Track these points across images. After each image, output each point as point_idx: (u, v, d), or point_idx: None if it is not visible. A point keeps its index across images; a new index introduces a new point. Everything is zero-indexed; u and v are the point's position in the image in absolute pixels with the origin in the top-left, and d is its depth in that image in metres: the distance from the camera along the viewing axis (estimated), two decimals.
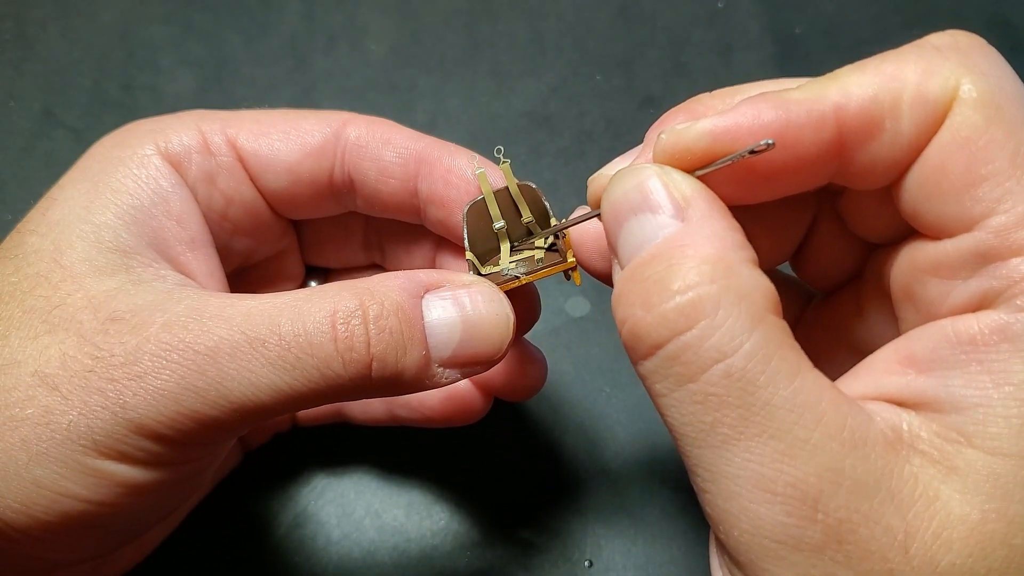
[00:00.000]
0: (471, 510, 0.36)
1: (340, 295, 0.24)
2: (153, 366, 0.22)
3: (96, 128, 0.44)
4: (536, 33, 0.48)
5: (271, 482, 0.36)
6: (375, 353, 0.23)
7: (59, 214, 0.26)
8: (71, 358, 0.23)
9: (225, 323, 0.23)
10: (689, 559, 0.34)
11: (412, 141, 0.29)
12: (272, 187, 0.29)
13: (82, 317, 0.23)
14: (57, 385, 0.22)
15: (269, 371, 0.22)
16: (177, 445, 0.23)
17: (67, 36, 0.47)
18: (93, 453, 0.22)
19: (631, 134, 0.44)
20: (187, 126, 0.28)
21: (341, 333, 0.23)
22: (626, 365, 0.38)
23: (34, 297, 0.24)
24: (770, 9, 0.48)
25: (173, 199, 0.27)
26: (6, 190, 0.43)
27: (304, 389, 0.23)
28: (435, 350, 0.25)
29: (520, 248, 0.29)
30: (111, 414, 0.22)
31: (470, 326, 0.25)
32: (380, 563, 0.35)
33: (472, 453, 0.37)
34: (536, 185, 0.29)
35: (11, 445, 0.22)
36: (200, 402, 0.22)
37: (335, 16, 0.48)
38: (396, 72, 0.46)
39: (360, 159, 0.29)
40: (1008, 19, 0.47)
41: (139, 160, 0.27)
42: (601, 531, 0.35)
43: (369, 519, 0.35)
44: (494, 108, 0.45)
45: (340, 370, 0.23)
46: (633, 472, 0.36)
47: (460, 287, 0.25)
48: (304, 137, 0.29)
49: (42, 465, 0.22)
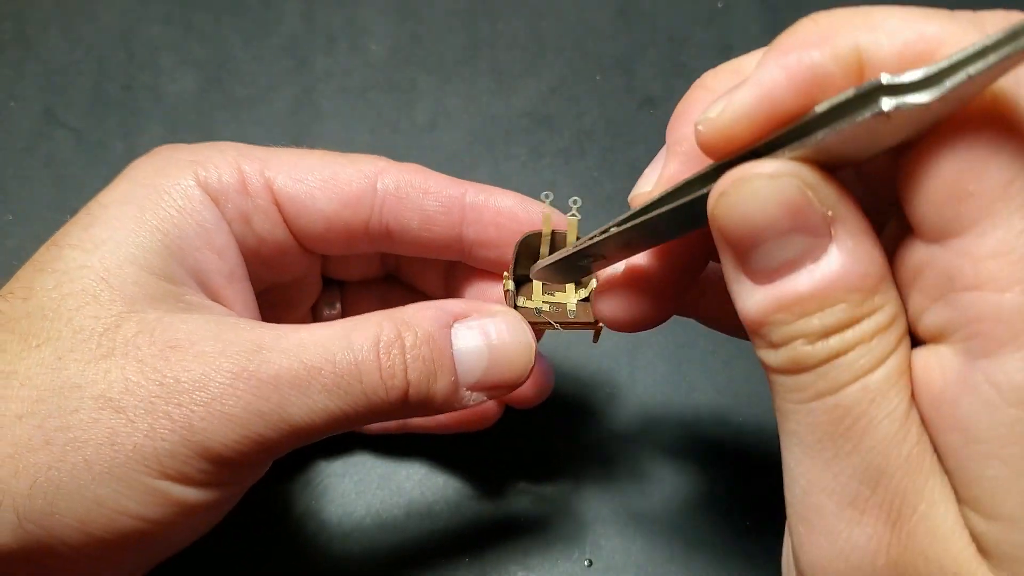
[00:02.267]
0: (471, 510, 0.36)
1: (381, 325, 0.26)
2: (221, 392, 0.24)
3: (96, 128, 0.44)
4: (536, 33, 0.48)
5: (271, 482, 0.36)
6: (411, 380, 0.26)
7: (105, 233, 0.26)
8: (134, 383, 0.24)
9: (283, 353, 0.25)
10: (689, 559, 0.35)
11: (451, 187, 0.30)
12: (306, 231, 0.30)
13: (139, 342, 0.24)
14: (123, 408, 0.23)
15: (324, 396, 0.25)
16: (234, 466, 0.24)
17: (67, 36, 0.47)
18: (156, 474, 0.24)
19: (631, 134, 0.44)
20: (227, 161, 0.29)
21: (384, 362, 0.25)
22: (626, 365, 0.38)
23: (83, 316, 0.25)
24: (770, 9, 0.48)
25: (215, 233, 0.28)
26: (6, 190, 0.43)
27: (352, 412, 0.25)
28: (463, 376, 0.27)
29: (553, 289, 0.30)
30: (179, 437, 0.23)
31: (496, 353, 0.27)
32: (380, 563, 0.35)
33: (472, 453, 0.37)
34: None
35: (74, 465, 0.23)
36: (264, 426, 0.24)
37: (335, 16, 0.48)
38: (396, 72, 0.46)
39: (401, 209, 0.30)
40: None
41: (182, 191, 0.28)
42: (601, 531, 0.35)
43: (369, 519, 0.36)
44: (494, 108, 0.46)
45: (384, 395, 0.25)
46: (633, 472, 0.36)
47: (487, 317, 0.27)
48: (343, 187, 0.29)
49: (105, 484, 0.23)
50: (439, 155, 0.44)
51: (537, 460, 0.36)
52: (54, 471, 0.23)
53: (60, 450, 0.23)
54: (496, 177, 0.44)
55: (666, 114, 0.24)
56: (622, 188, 0.43)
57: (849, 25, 0.18)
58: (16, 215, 0.42)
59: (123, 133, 0.44)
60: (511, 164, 0.44)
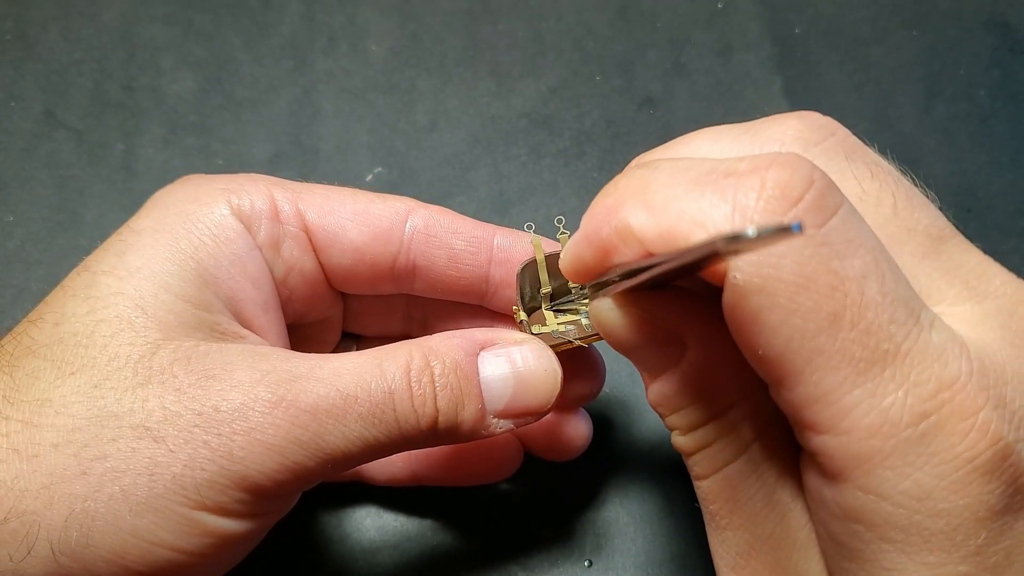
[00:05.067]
0: (471, 510, 0.36)
1: (411, 354, 0.26)
2: (261, 422, 0.24)
3: (97, 128, 0.44)
4: (536, 33, 0.48)
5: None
6: (440, 408, 0.26)
7: (139, 260, 0.26)
8: (172, 412, 0.24)
9: (320, 382, 0.25)
10: (689, 559, 0.35)
11: (478, 229, 0.31)
12: (335, 263, 0.30)
13: (176, 370, 0.24)
14: (163, 438, 0.23)
15: (359, 425, 0.25)
16: (271, 496, 0.24)
17: (67, 36, 0.47)
18: (195, 504, 0.23)
19: (631, 134, 0.44)
20: (259, 189, 0.29)
21: (415, 391, 0.25)
22: (626, 364, 0.38)
23: (118, 343, 0.24)
24: (770, 9, 0.48)
25: (249, 261, 0.28)
26: (7, 191, 0.43)
27: (386, 440, 0.25)
28: (490, 403, 0.27)
29: (565, 310, 0.30)
30: (218, 467, 0.23)
31: (521, 381, 0.27)
32: (380, 563, 0.35)
33: None
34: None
35: (111, 495, 0.23)
36: (302, 454, 0.24)
37: (335, 16, 0.48)
38: (396, 72, 0.46)
39: (430, 246, 0.30)
40: (1008, 19, 0.47)
41: (216, 219, 0.28)
42: (601, 531, 0.35)
43: (369, 519, 0.36)
44: (494, 108, 0.46)
45: (416, 423, 0.25)
46: (633, 472, 0.36)
47: (512, 344, 0.27)
48: (373, 220, 0.30)
49: (142, 516, 0.23)
50: (439, 155, 0.44)
51: (537, 460, 0.36)
52: (90, 502, 0.23)
53: (97, 480, 0.23)
54: (496, 177, 0.44)
55: (666, 114, 0.24)
56: None
57: (628, 202, 0.20)
58: (16, 215, 0.42)
59: (123, 133, 0.44)
60: (511, 164, 0.44)
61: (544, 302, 0.30)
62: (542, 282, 0.30)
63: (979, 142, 0.44)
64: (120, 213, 0.42)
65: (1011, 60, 0.46)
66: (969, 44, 0.46)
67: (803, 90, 0.46)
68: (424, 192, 0.43)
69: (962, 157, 0.44)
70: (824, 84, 0.46)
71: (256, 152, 0.44)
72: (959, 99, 0.45)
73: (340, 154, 0.44)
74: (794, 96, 0.45)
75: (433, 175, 0.44)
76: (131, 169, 0.43)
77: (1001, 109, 0.45)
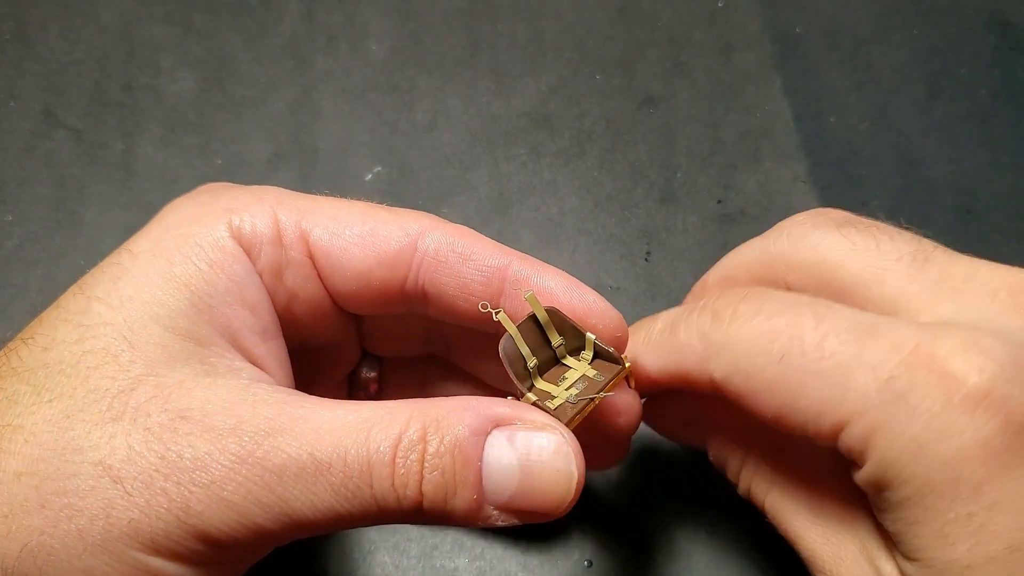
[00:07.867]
0: None
1: (409, 422, 0.23)
2: (222, 476, 0.22)
3: (96, 128, 0.44)
4: (536, 33, 0.48)
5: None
6: (425, 492, 0.23)
7: (132, 289, 0.25)
8: (137, 453, 0.23)
9: (295, 440, 0.23)
10: (689, 559, 0.35)
11: (495, 257, 0.28)
12: (339, 288, 0.28)
13: (150, 409, 0.23)
14: (121, 479, 0.22)
15: (330, 495, 0.23)
16: (229, 550, 0.23)
17: (67, 36, 0.47)
18: (149, 551, 0.22)
19: (631, 134, 0.44)
20: (264, 210, 0.27)
21: (399, 469, 0.23)
22: None
23: (99, 376, 0.24)
24: (770, 9, 0.48)
25: (247, 287, 0.27)
26: (6, 191, 0.43)
27: (358, 513, 0.23)
28: (491, 493, 0.24)
29: (562, 375, 0.28)
30: (174, 517, 0.22)
31: (528, 476, 0.24)
32: (380, 563, 0.35)
33: None
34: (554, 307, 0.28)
35: (66, 533, 0.22)
36: (263, 516, 0.22)
37: (335, 16, 0.48)
38: (396, 72, 0.46)
39: (438, 274, 0.28)
40: (1008, 19, 0.47)
41: (214, 242, 0.26)
42: (601, 531, 0.35)
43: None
44: (494, 108, 0.45)
45: (396, 503, 0.23)
46: (633, 472, 0.36)
47: (532, 429, 0.24)
48: (380, 244, 0.28)
49: (96, 556, 0.22)
50: (439, 155, 0.44)
51: None
52: (46, 536, 0.22)
53: (54, 515, 0.22)
54: (496, 176, 0.44)
55: (666, 114, 0.24)
56: (622, 188, 0.43)
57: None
58: (15, 215, 0.42)
59: (123, 133, 0.44)
60: (511, 164, 0.44)
61: (535, 377, 0.27)
62: (525, 356, 0.27)
63: (980, 142, 0.44)
64: (119, 213, 0.42)
65: (1012, 60, 0.46)
66: (970, 43, 0.46)
67: (803, 89, 0.46)
68: (424, 191, 0.43)
69: (963, 157, 0.44)
70: (824, 83, 0.46)
71: (256, 151, 0.44)
72: (960, 99, 0.45)
73: (340, 153, 0.44)
74: (794, 95, 0.45)
75: (433, 174, 0.44)
76: (130, 169, 0.43)
77: (1002, 109, 0.45)
